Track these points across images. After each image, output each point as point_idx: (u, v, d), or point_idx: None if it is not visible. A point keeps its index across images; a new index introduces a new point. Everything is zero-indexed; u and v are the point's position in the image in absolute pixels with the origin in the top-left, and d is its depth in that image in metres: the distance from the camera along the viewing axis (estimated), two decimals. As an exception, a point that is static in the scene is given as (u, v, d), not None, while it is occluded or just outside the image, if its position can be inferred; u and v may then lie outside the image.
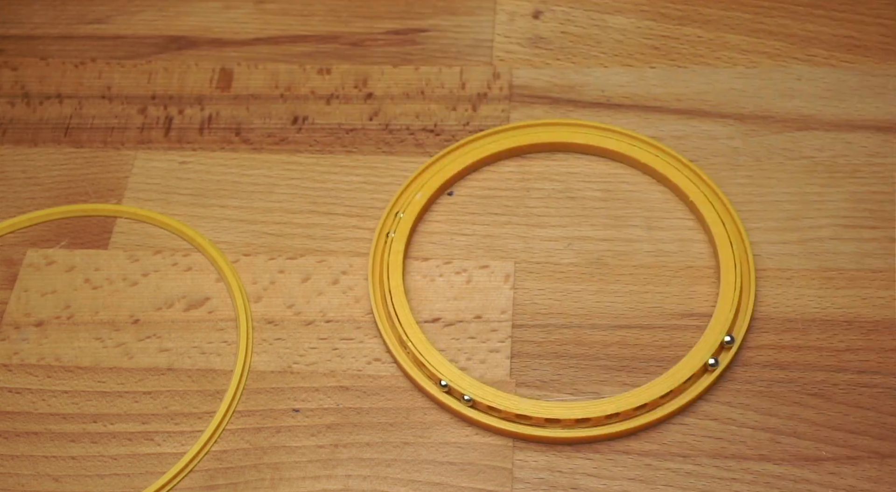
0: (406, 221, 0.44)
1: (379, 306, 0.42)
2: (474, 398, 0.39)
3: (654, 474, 0.38)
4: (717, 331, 0.40)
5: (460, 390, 0.40)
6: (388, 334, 0.42)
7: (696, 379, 0.40)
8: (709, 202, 0.44)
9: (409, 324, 0.41)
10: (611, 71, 0.50)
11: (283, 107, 0.50)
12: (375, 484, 0.39)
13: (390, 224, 0.44)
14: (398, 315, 0.42)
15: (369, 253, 0.44)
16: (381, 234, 0.44)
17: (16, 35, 0.54)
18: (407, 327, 0.41)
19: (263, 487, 0.39)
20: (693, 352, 0.40)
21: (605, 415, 0.39)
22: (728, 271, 0.42)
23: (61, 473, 0.40)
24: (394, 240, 0.44)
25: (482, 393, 0.39)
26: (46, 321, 0.43)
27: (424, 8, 0.53)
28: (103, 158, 0.49)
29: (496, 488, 0.38)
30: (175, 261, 0.45)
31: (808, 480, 0.38)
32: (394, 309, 0.42)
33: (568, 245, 0.45)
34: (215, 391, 0.41)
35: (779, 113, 0.48)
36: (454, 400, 0.40)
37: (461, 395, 0.40)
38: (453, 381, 0.40)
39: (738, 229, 0.43)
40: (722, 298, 0.41)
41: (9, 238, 0.46)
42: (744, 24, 0.52)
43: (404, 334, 0.41)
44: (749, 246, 0.43)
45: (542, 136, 0.47)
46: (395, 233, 0.44)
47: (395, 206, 0.45)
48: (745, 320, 0.41)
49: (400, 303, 0.42)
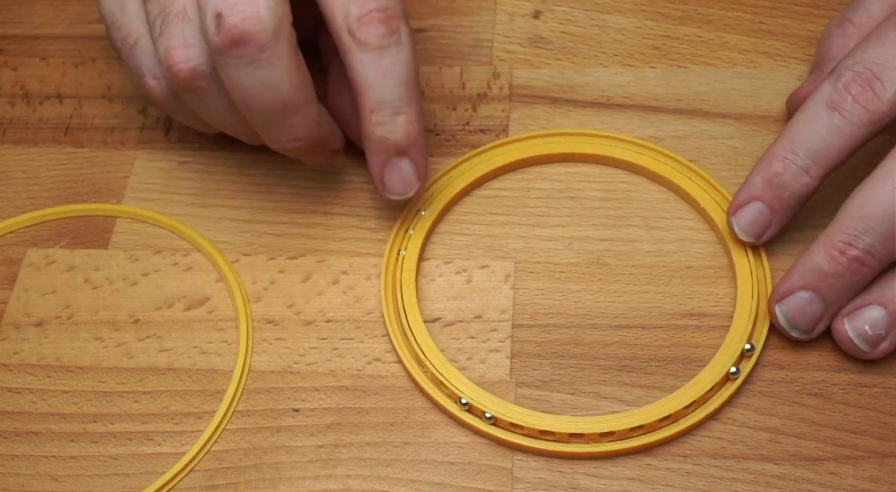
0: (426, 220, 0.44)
1: (392, 318, 0.42)
2: (496, 416, 0.39)
3: (654, 474, 0.38)
4: (738, 339, 0.40)
5: (482, 407, 0.39)
6: (404, 354, 0.41)
7: (718, 389, 0.39)
8: (721, 211, 0.44)
9: (428, 345, 0.41)
10: (611, 71, 0.50)
11: (283, 107, 0.50)
12: (375, 484, 0.39)
13: (411, 221, 0.44)
14: (416, 337, 0.41)
15: (383, 260, 0.43)
16: (395, 244, 0.44)
17: (16, 35, 0.54)
18: (427, 350, 0.41)
19: (263, 487, 0.39)
20: (715, 360, 0.40)
21: (630, 428, 0.38)
22: (745, 279, 0.42)
23: (61, 473, 0.40)
24: (410, 241, 0.44)
25: (504, 410, 0.39)
26: (46, 321, 0.44)
27: (424, 8, 0.53)
28: (103, 158, 0.49)
29: (496, 488, 0.38)
30: (175, 261, 0.45)
31: (808, 480, 0.38)
32: (410, 328, 0.41)
33: (568, 245, 0.45)
34: (215, 391, 0.41)
35: (779, 113, 0.48)
36: (475, 418, 0.39)
37: (482, 412, 0.39)
38: (473, 399, 0.39)
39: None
40: (740, 304, 0.41)
41: (9, 238, 0.46)
42: (744, 24, 0.52)
43: (422, 354, 0.41)
44: (764, 253, 0.43)
45: (547, 147, 0.47)
46: (414, 231, 0.44)
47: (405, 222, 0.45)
48: (763, 328, 0.41)
49: (413, 315, 0.42)
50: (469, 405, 0.39)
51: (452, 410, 0.40)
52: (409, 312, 0.42)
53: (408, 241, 0.44)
